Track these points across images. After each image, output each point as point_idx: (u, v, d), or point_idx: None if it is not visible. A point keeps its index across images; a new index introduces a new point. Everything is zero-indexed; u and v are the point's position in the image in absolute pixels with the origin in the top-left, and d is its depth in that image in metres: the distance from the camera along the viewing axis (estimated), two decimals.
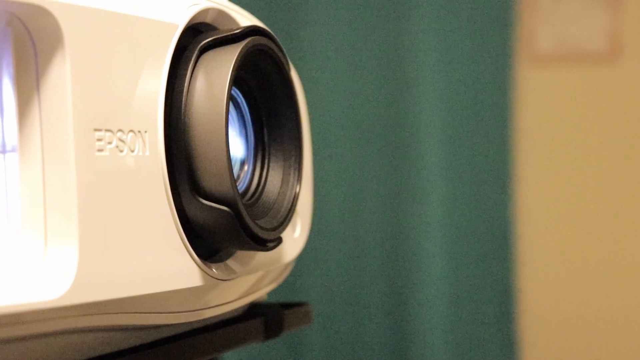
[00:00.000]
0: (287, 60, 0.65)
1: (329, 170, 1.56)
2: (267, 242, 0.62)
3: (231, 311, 0.67)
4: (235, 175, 0.64)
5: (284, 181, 0.65)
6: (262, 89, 0.65)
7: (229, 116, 0.59)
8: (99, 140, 0.53)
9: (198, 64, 0.59)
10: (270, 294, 0.73)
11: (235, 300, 0.66)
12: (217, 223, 0.59)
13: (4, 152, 0.50)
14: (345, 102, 1.58)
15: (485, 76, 1.58)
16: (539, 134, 1.65)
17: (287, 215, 0.64)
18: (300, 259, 0.74)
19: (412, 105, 1.56)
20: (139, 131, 0.55)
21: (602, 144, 1.65)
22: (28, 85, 0.51)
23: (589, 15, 1.63)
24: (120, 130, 0.54)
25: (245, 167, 0.65)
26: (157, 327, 0.59)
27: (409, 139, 1.57)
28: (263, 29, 0.63)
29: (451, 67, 1.56)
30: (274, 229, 0.63)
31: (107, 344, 0.58)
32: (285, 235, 0.66)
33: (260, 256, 0.65)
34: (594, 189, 1.65)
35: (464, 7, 1.56)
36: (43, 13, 0.50)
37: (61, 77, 0.51)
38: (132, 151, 0.55)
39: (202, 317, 0.63)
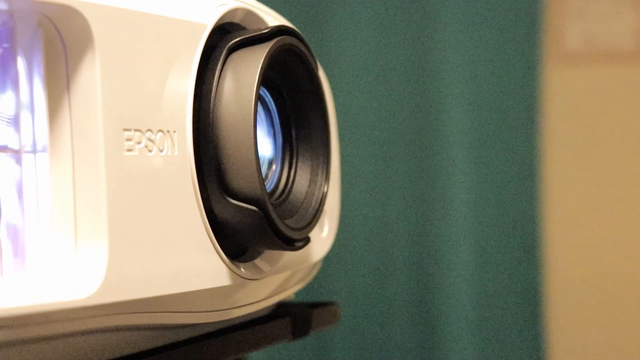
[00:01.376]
0: (315, 60, 0.65)
1: (356, 169, 1.56)
2: (295, 241, 0.62)
3: (259, 311, 0.67)
4: (264, 174, 0.64)
5: (312, 181, 0.65)
6: (290, 89, 0.65)
7: (257, 116, 0.59)
8: (128, 140, 0.53)
9: (226, 64, 0.59)
10: (296, 293, 0.73)
11: (262, 299, 0.66)
12: (245, 222, 0.59)
13: (34, 152, 0.51)
14: (371, 102, 1.57)
15: (513, 75, 1.57)
16: (567, 133, 1.64)
17: (315, 214, 0.64)
18: (326, 258, 0.74)
19: (438, 105, 1.56)
20: (168, 131, 0.56)
21: (631, 144, 1.64)
22: (58, 86, 0.51)
23: (617, 13, 1.61)
24: (149, 130, 0.54)
25: (273, 167, 0.66)
26: (185, 326, 0.60)
27: (436, 139, 1.56)
28: (291, 29, 0.63)
29: (478, 66, 1.56)
30: (302, 228, 0.63)
31: (135, 343, 0.58)
32: (313, 234, 0.66)
33: (288, 256, 0.65)
34: (622, 188, 1.64)
35: (491, 5, 1.56)
36: (73, 14, 0.50)
37: (91, 77, 0.51)
38: (161, 151, 0.55)
39: (230, 317, 0.63)
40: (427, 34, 1.55)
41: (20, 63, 0.50)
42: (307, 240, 0.64)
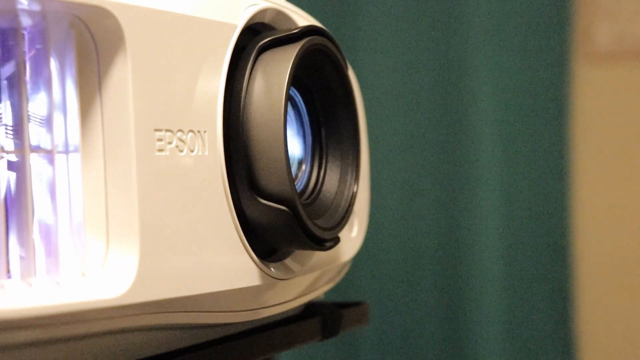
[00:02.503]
0: (344, 60, 0.65)
1: (384, 169, 1.55)
2: (325, 241, 0.62)
3: (288, 311, 0.67)
4: (293, 174, 0.64)
5: (342, 181, 0.65)
6: (320, 89, 0.65)
7: (287, 116, 0.59)
8: (160, 140, 0.53)
9: (256, 64, 0.59)
10: (325, 293, 0.73)
11: (292, 299, 0.66)
12: (275, 222, 0.59)
13: (66, 152, 0.51)
14: (399, 101, 1.57)
15: (542, 74, 1.56)
16: (597, 132, 1.63)
17: (345, 214, 0.64)
18: (355, 258, 0.74)
19: (467, 104, 1.55)
20: (199, 131, 0.56)
21: None
22: (90, 86, 0.51)
23: None
24: (180, 130, 0.54)
25: (303, 167, 0.66)
26: (215, 326, 0.60)
27: (465, 138, 1.56)
28: (321, 29, 0.63)
29: (508, 65, 1.55)
30: (332, 228, 0.63)
31: (166, 342, 0.58)
32: (343, 234, 0.66)
33: (318, 256, 0.66)
34: None
35: (520, 3, 1.55)
36: (105, 14, 0.50)
37: (122, 78, 0.51)
38: (192, 151, 0.55)
39: (259, 317, 0.63)
40: (456, 32, 1.55)
41: (53, 64, 0.50)
42: (336, 240, 0.64)
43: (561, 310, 1.56)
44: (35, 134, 0.51)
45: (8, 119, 0.50)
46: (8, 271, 0.49)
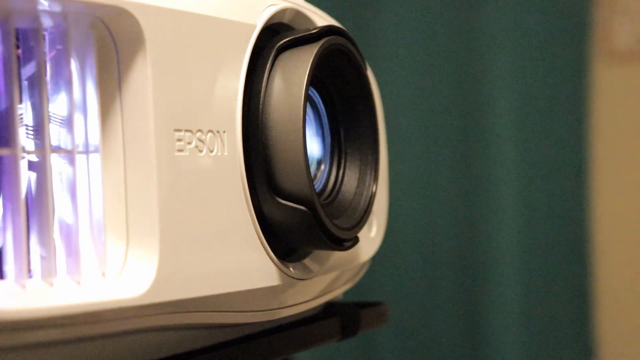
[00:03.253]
0: (363, 60, 0.65)
1: (402, 169, 1.55)
2: (344, 241, 0.62)
3: (307, 311, 0.67)
4: (312, 174, 0.64)
5: (361, 181, 0.65)
6: (339, 89, 0.65)
7: (306, 116, 0.59)
8: (179, 140, 0.53)
9: (275, 64, 0.59)
10: (344, 293, 0.73)
11: (311, 299, 0.66)
12: (294, 222, 0.59)
13: (86, 152, 0.51)
14: (418, 101, 1.57)
15: (561, 73, 1.56)
16: (616, 132, 1.62)
17: (364, 214, 0.64)
18: (373, 257, 0.74)
19: (486, 103, 1.55)
20: (218, 131, 0.56)
21: None
22: (110, 87, 0.52)
23: None
24: (199, 130, 0.55)
25: (322, 167, 0.66)
26: (234, 326, 0.60)
27: (483, 137, 1.56)
28: (339, 29, 0.63)
29: (526, 64, 1.55)
30: (351, 228, 0.63)
31: (185, 342, 0.58)
32: (362, 234, 0.66)
33: (337, 256, 0.65)
34: None
35: (539, 3, 1.54)
36: (125, 15, 0.50)
37: (142, 78, 0.51)
38: (211, 151, 0.55)
39: (278, 317, 0.63)
40: (475, 31, 1.54)
41: (73, 64, 0.51)
42: (355, 240, 0.64)
43: (580, 310, 1.56)
44: (56, 134, 0.51)
45: (29, 119, 0.50)
46: (29, 271, 0.49)
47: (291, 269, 0.61)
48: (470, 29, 1.55)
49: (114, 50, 0.51)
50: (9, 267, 0.48)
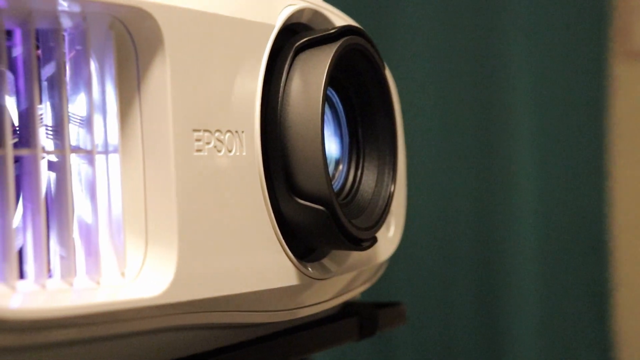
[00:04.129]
0: (381, 60, 0.65)
1: (420, 168, 1.55)
2: (362, 241, 0.62)
3: (325, 311, 0.67)
4: (331, 174, 0.64)
5: (379, 181, 0.65)
6: (357, 89, 0.65)
7: (324, 116, 0.59)
8: (198, 140, 0.53)
9: (294, 65, 0.59)
10: (361, 294, 0.73)
11: (329, 299, 0.66)
12: (312, 222, 0.59)
13: (106, 152, 0.51)
14: (436, 101, 1.57)
15: (580, 72, 1.55)
16: (634, 130, 1.61)
17: (382, 215, 0.64)
18: (391, 258, 0.74)
19: (504, 102, 1.54)
20: (236, 131, 0.56)
21: None
22: (129, 87, 0.52)
23: None
24: (218, 130, 0.55)
25: (340, 167, 0.66)
26: (252, 326, 0.60)
27: (501, 136, 1.55)
28: (358, 29, 0.63)
29: (545, 63, 1.54)
30: (369, 228, 0.63)
31: (203, 342, 0.58)
32: (380, 234, 0.66)
33: (355, 256, 0.65)
34: None
35: (556, 2, 1.54)
36: (144, 15, 0.51)
37: (161, 79, 0.51)
38: (230, 151, 0.55)
39: (296, 317, 0.63)
40: (493, 29, 1.54)
41: (93, 65, 0.51)
42: (374, 240, 0.64)
43: (599, 310, 1.55)
44: (75, 134, 0.51)
45: (48, 119, 0.50)
46: (49, 271, 0.49)
47: (309, 268, 0.61)
48: (488, 27, 1.55)
49: (133, 51, 0.51)
50: (29, 266, 0.48)
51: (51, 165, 0.50)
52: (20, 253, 0.49)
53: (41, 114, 0.50)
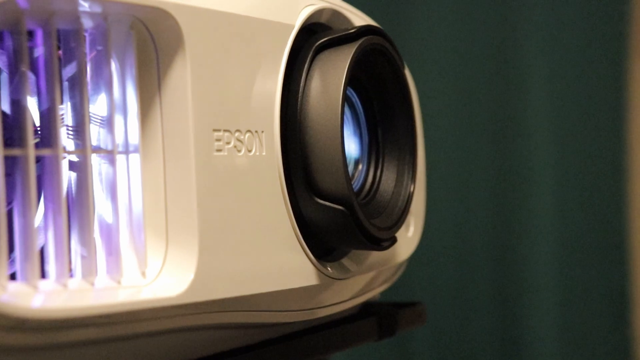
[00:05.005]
0: (401, 60, 0.65)
1: (437, 168, 1.55)
2: (382, 241, 0.62)
3: (344, 311, 0.67)
4: (350, 174, 0.64)
5: (398, 180, 0.65)
6: (376, 89, 0.65)
7: (344, 116, 0.59)
8: (218, 140, 0.53)
9: (313, 64, 0.59)
10: (381, 294, 0.73)
11: (348, 299, 0.66)
12: (332, 222, 0.59)
13: (126, 152, 0.51)
14: (453, 100, 1.56)
15: (599, 71, 1.54)
16: None
17: (402, 214, 0.64)
18: (410, 258, 0.73)
19: (522, 102, 1.54)
20: (256, 131, 0.56)
21: None
22: (150, 87, 0.52)
23: None
24: (238, 130, 0.55)
25: (360, 167, 0.65)
26: (271, 325, 0.60)
27: (519, 136, 1.55)
28: (377, 28, 0.62)
29: (563, 62, 1.54)
30: (389, 228, 0.63)
31: (223, 341, 0.58)
32: (399, 234, 0.66)
33: (375, 255, 0.65)
34: None
35: (575, 1, 1.53)
36: (165, 16, 0.51)
37: (182, 79, 0.52)
38: (250, 151, 0.55)
39: (316, 316, 0.63)
40: (510, 29, 1.54)
41: (113, 65, 0.51)
42: (393, 240, 0.64)
43: (618, 311, 1.54)
44: (96, 134, 0.51)
45: (69, 119, 0.50)
46: (70, 270, 0.49)
47: (329, 268, 0.61)
48: (506, 26, 1.54)
49: (153, 51, 0.52)
50: (51, 266, 0.48)
51: (72, 165, 0.50)
52: (42, 253, 0.49)
53: (62, 114, 0.50)
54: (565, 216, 1.55)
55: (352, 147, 0.65)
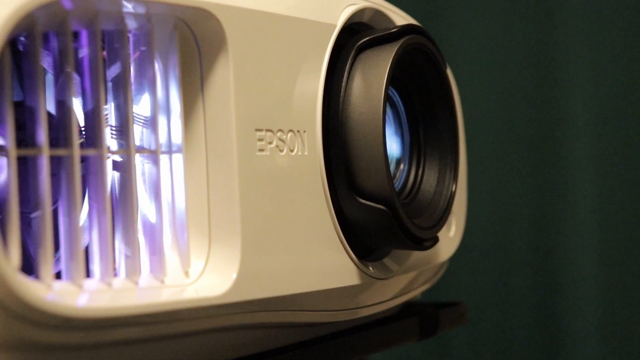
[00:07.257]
0: (443, 59, 0.65)
1: (478, 167, 1.54)
2: (424, 241, 0.62)
3: (385, 311, 0.67)
4: (392, 173, 0.64)
5: (440, 180, 0.65)
6: (418, 88, 0.65)
7: (386, 115, 0.59)
8: (260, 140, 0.53)
9: (355, 64, 0.59)
10: (422, 294, 0.73)
11: (390, 299, 0.66)
12: (374, 222, 0.59)
13: (169, 152, 0.52)
14: (493, 99, 1.55)
15: (638, 70, 1.53)
16: None
17: (444, 214, 0.64)
18: (451, 258, 0.73)
19: (562, 102, 1.53)
20: (298, 131, 0.56)
21: None
22: (193, 87, 0.52)
23: None
24: (280, 130, 0.55)
25: (401, 166, 0.65)
26: (313, 325, 0.60)
27: (559, 136, 1.53)
28: (419, 28, 0.62)
29: (603, 61, 1.52)
30: (431, 228, 0.62)
31: (265, 341, 0.58)
32: (441, 234, 0.65)
33: (416, 255, 0.65)
34: None
35: (614, 2, 1.52)
36: (208, 16, 0.51)
37: (224, 79, 0.52)
38: (292, 151, 0.55)
39: (357, 316, 0.63)
40: (550, 27, 1.52)
41: (157, 65, 0.51)
42: (435, 239, 0.63)
43: None
44: (139, 134, 0.51)
45: (113, 119, 0.51)
46: (114, 269, 0.49)
47: (370, 268, 0.61)
48: (545, 25, 1.53)
49: (196, 51, 0.52)
50: (95, 265, 0.49)
51: (116, 165, 0.51)
52: (86, 252, 0.49)
53: (106, 115, 0.50)
54: (608, 217, 1.53)
55: (393, 146, 0.65)
